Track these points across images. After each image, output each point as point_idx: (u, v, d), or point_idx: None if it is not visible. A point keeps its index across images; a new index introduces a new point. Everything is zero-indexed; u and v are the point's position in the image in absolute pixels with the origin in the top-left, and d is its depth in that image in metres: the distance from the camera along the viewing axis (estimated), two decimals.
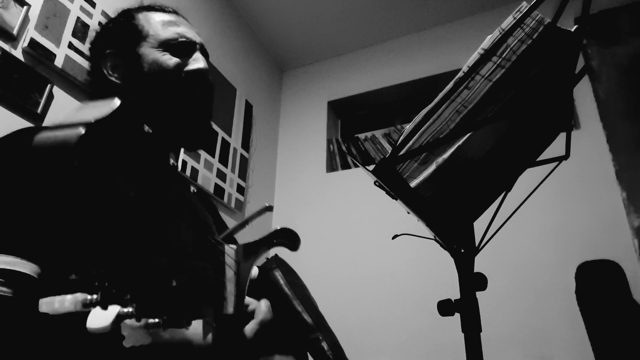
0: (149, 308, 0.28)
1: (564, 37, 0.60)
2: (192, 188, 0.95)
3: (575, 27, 0.60)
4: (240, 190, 2.33)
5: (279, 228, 0.50)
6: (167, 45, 0.78)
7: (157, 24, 0.80)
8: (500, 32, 0.58)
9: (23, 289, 0.50)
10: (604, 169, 1.90)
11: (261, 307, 0.50)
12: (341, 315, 1.93)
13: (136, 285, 0.27)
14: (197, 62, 0.79)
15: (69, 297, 0.27)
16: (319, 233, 2.41)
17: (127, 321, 0.29)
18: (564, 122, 0.67)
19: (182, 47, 0.79)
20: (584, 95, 2.04)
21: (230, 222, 2.10)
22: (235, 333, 0.46)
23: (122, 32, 0.81)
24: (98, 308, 0.28)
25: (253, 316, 0.54)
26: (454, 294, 0.64)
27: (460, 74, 0.60)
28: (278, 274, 1.53)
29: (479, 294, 0.63)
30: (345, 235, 2.35)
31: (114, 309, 0.28)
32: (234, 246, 0.48)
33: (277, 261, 1.74)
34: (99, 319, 0.28)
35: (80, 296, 0.27)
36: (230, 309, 0.42)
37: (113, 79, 0.78)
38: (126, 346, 0.31)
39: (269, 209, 0.52)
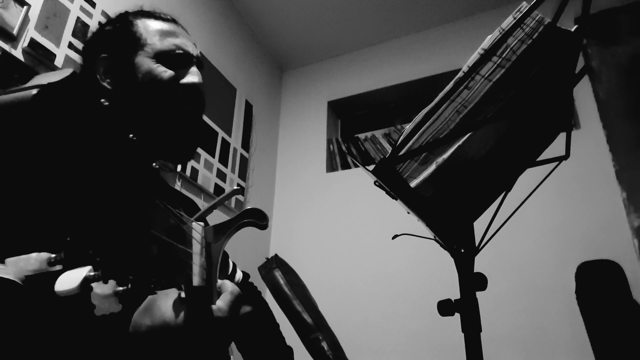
0: (115, 270, 0.28)
1: (564, 37, 0.60)
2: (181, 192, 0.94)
3: (575, 27, 0.60)
4: (240, 190, 2.33)
5: (247, 208, 0.50)
6: (163, 57, 0.77)
7: (155, 33, 0.79)
8: (500, 32, 0.58)
9: (6, 295, 0.50)
10: (604, 169, 1.90)
11: (226, 284, 0.50)
12: (341, 315, 1.93)
13: (100, 243, 0.27)
14: (192, 75, 0.78)
15: (33, 255, 0.28)
16: (319, 233, 2.41)
17: (97, 290, 0.30)
18: (564, 122, 0.67)
19: (178, 60, 0.78)
20: (584, 95, 2.04)
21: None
22: (206, 307, 0.46)
23: (118, 37, 0.80)
24: (67, 273, 0.29)
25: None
26: (454, 294, 0.64)
27: (460, 74, 0.60)
28: (278, 274, 1.53)
29: (479, 294, 0.63)
30: (345, 235, 2.35)
31: (81, 272, 0.29)
32: (201, 223, 0.48)
33: (277, 261, 1.74)
34: (67, 282, 0.28)
35: (44, 255, 0.28)
36: (197, 280, 0.43)
37: (105, 83, 0.77)
38: (97, 315, 0.31)
39: (238, 191, 0.52)
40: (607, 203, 1.85)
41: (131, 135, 0.56)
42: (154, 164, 0.80)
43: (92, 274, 0.29)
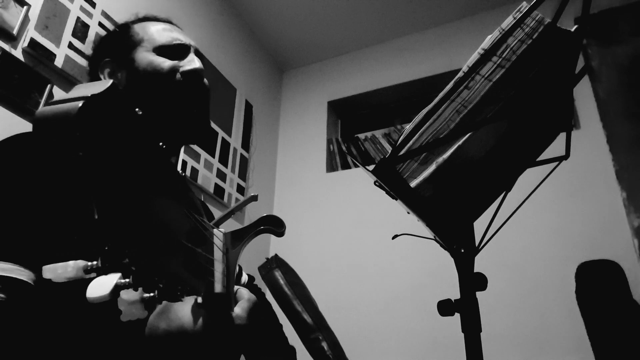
0: (146, 278, 0.29)
1: (564, 37, 0.60)
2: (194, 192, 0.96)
3: (575, 27, 0.60)
4: (240, 190, 2.33)
5: (264, 215, 0.50)
6: (162, 49, 0.80)
7: (152, 31, 0.82)
8: (500, 32, 0.58)
9: (18, 295, 0.51)
10: (604, 169, 1.90)
11: (242, 292, 0.50)
12: (341, 315, 1.93)
13: (135, 252, 0.28)
14: (192, 62, 0.80)
15: (71, 263, 0.28)
16: (319, 233, 2.41)
17: (124, 296, 0.31)
18: (564, 122, 0.67)
19: (176, 50, 0.81)
20: (584, 95, 2.04)
21: (230, 222, 2.10)
22: (226, 316, 0.46)
23: (118, 40, 0.83)
24: (97, 279, 0.29)
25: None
26: (454, 294, 0.64)
27: (460, 74, 0.60)
28: (278, 274, 1.53)
29: (479, 294, 0.62)
30: (345, 235, 2.35)
31: (112, 280, 0.29)
32: (222, 229, 0.49)
33: (277, 261, 1.74)
34: (98, 288, 0.29)
35: (81, 262, 0.28)
36: (219, 287, 0.43)
37: None
38: (123, 320, 0.32)
39: (254, 198, 0.53)
40: (607, 203, 1.85)
41: (159, 143, 0.58)
42: (172, 159, 0.82)
43: (122, 281, 0.30)
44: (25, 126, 1.32)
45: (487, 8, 2.48)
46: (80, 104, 0.24)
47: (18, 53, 1.33)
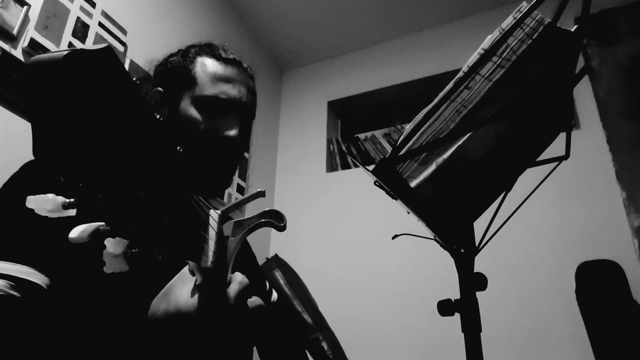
0: (122, 224, 0.31)
1: (564, 37, 0.60)
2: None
3: (575, 27, 0.60)
4: (240, 190, 2.33)
5: (266, 209, 0.51)
6: (206, 102, 0.78)
7: (209, 76, 0.81)
8: (500, 32, 0.58)
9: (31, 296, 0.54)
10: (604, 169, 1.90)
11: (236, 275, 0.51)
12: (341, 315, 1.93)
13: (111, 193, 0.29)
14: (230, 128, 0.79)
15: (50, 195, 0.30)
16: (319, 233, 2.41)
17: (109, 249, 0.34)
18: (564, 122, 0.67)
19: (218, 106, 0.79)
20: (584, 95, 2.04)
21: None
22: (219, 293, 0.46)
23: (175, 73, 0.82)
24: (83, 225, 0.33)
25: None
26: (454, 294, 0.64)
27: (460, 74, 0.60)
28: (278, 274, 1.53)
29: (479, 294, 0.62)
30: (345, 235, 2.35)
31: (93, 225, 0.33)
32: (217, 211, 0.49)
33: (277, 261, 1.74)
34: (79, 230, 0.33)
35: (60, 198, 0.31)
36: (208, 262, 0.44)
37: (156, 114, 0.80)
38: (107, 272, 0.35)
39: (261, 194, 0.53)
40: (607, 203, 1.85)
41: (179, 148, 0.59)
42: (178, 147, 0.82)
43: (103, 227, 0.33)
44: (25, 126, 1.32)
45: (487, 8, 2.47)
46: (65, 52, 0.25)
47: (18, 53, 1.33)
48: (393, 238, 0.82)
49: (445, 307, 0.63)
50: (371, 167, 0.64)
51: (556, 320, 1.76)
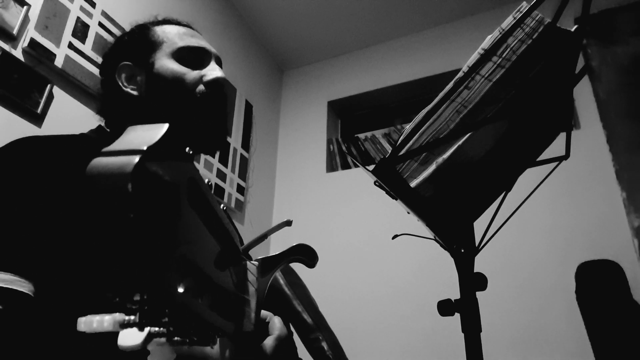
0: (182, 329, 0.28)
1: (564, 37, 0.60)
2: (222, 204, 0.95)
3: (575, 27, 0.60)
4: (240, 190, 2.33)
5: (296, 244, 0.49)
6: (182, 52, 0.77)
7: (173, 34, 0.80)
8: (500, 32, 0.58)
9: (17, 306, 0.50)
10: (604, 169, 1.90)
11: (275, 323, 0.49)
12: (341, 315, 1.93)
13: (172, 308, 0.26)
14: (214, 71, 0.78)
15: (107, 317, 0.26)
16: (319, 233, 2.41)
17: (150, 347, 0.29)
18: (564, 122, 0.67)
19: (197, 55, 0.79)
20: (584, 95, 2.04)
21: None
22: (254, 350, 0.45)
23: (137, 43, 0.80)
24: (127, 330, 0.27)
25: (268, 330, 0.53)
26: (454, 294, 0.64)
27: (460, 74, 0.60)
28: (278, 274, 1.53)
29: (479, 294, 0.62)
30: (345, 235, 2.35)
31: (144, 332, 0.28)
32: (255, 262, 0.47)
33: None
34: (131, 337, 0.27)
35: (118, 316, 0.26)
36: (250, 326, 0.41)
37: (129, 90, 0.77)
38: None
39: (288, 223, 0.51)
40: (607, 203, 1.85)
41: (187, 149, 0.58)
42: (187, 149, 0.80)
43: (156, 329, 0.28)
44: (25, 126, 1.32)
45: (487, 8, 2.47)
46: (136, 159, 0.22)
47: (18, 53, 1.33)
48: (393, 238, 0.82)
49: (445, 307, 0.63)
50: (371, 167, 0.64)
51: (556, 320, 1.76)
